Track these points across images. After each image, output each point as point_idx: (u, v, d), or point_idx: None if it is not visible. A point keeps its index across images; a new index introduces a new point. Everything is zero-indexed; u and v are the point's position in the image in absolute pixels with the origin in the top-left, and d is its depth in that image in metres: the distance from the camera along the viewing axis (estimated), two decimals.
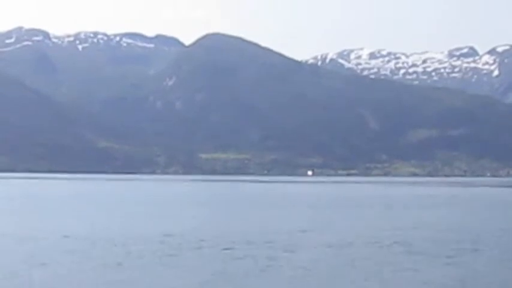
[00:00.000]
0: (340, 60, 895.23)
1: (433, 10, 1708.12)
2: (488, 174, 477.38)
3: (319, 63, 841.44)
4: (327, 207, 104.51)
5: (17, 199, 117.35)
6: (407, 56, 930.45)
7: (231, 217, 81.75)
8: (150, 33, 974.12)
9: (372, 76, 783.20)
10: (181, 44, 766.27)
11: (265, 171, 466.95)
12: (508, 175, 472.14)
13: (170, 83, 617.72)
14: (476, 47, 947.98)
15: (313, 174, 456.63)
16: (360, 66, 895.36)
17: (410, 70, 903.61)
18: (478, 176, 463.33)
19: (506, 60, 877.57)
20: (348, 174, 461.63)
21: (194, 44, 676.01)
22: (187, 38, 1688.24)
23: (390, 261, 42.39)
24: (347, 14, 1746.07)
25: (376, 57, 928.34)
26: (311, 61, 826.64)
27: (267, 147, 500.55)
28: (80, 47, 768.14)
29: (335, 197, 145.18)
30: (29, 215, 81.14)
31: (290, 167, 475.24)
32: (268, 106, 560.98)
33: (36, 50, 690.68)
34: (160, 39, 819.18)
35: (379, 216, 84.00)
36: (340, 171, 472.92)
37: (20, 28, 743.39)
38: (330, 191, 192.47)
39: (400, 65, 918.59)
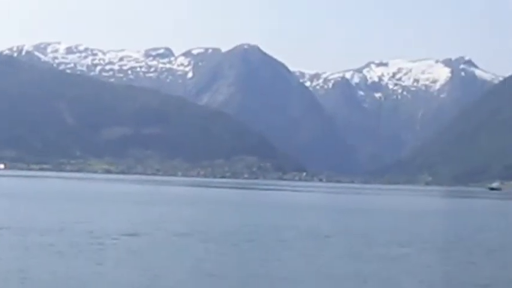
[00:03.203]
0: (37, 53, 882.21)
1: (133, 8, 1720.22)
2: (180, 174, 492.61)
3: (15, 54, 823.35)
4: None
5: None
6: (104, 53, 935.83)
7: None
8: None
9: (69, 71, 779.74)
10: None
11: None
12: (198, 175, 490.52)
13: None
14: (173, 49, 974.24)
15: (6, 168, 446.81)
16: (56, 61, 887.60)
17: (107, 67, 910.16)
18: (170, 175, 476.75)
19: (200, 63, 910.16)
20: (41, 169, 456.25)
21: None
22: None
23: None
24: (44, 5, 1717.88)
25: (73, 52, 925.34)
26: (6, 52, 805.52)
27: None
28: None
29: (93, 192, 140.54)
30: None
31: None
32: None
33: None
34: None
35: (150, 211, 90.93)
36: (33, 166, 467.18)
37: None
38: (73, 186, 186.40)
39: (97, 61, 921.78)
